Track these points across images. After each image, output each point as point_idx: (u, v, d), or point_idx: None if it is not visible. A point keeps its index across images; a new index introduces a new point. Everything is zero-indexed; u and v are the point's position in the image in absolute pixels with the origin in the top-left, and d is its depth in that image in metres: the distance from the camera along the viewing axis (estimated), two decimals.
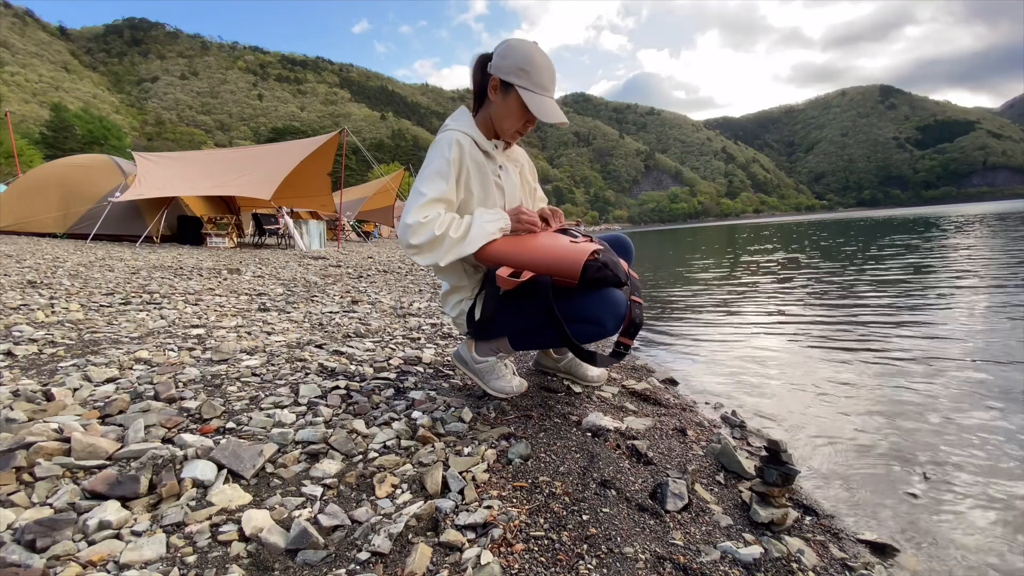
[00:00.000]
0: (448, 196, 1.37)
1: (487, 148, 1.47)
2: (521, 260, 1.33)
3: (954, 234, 12.90)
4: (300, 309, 3.27)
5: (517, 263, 1.33)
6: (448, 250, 1.31)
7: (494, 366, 1.61)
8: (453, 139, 1.40)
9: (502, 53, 1.40)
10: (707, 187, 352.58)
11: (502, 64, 1.39)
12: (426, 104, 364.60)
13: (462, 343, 1.67)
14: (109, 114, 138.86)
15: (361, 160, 44.03)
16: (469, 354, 1.62)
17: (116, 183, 9.30)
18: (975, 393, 2.12)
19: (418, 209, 1.31)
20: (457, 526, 0.94)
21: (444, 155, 1.38)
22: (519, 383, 1.63)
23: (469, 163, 1.42)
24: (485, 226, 1.35)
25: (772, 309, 4.42)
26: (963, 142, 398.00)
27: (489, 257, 1.38)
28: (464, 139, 1.42)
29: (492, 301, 1.41)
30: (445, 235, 1.30)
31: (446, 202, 1.37)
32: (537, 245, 1.36)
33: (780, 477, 1.08)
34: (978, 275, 5.53)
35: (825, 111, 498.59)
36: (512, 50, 1.39)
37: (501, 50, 1.41)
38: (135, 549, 0.83)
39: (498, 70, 1.40)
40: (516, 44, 1.40)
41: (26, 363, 1.78)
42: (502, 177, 1.50)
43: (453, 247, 1.32)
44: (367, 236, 17.21)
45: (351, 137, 10.34)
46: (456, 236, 1.32)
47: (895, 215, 52.85)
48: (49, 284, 3.65)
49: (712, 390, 2.32)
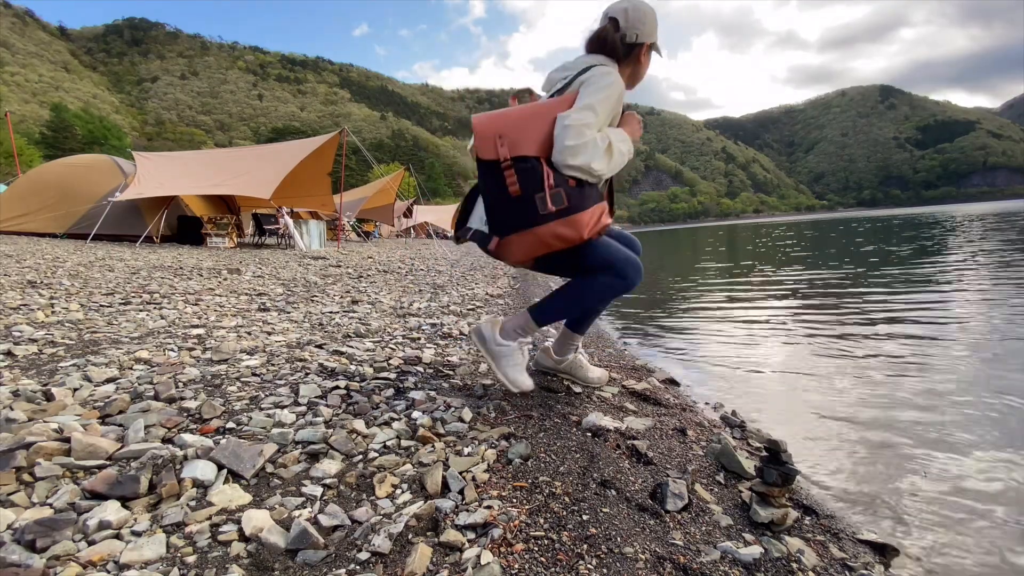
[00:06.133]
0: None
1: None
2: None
3: (955, 234, 12.89)
4: (300, 309, 3.27)
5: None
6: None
7: (513, 351, 1.59)
8: (623, 91, 1.48)
9: (642, 19, 1.52)
10: (707, 187, 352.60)
11: (648, 30, 1.54)
12: (426, 104, 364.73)
13: (485, 320, 1.65)
14: (109, 114, 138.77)
15: (361, 160, 44.03)
16: (491, 333, 1.60)
17: (116, 183, 9.29)
18: (975, 393, 2.12)
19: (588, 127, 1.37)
20: (457, 526, 0.94)
21: (617, 95, 1.44)
22: (530, 381, 1.62)
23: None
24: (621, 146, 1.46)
25: (773, 310, 4.42)
26: (963, 142, 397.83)
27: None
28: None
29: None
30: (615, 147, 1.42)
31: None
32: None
33: (780, 477, 1.08)
34: (978, 275, 5.53)
35: (825, 111, 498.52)
36: (649, 15, 1.53)
37: (639, 16, 1.52)
38: (135, 549, 0.83)
39: (648, 36, 1.54)
40: (646, 9, 1.53)
41: (26, 363, 1.78)
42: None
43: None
44: (367, 236, 17.21)
45: (351, 137, 10.33)
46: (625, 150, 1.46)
47: (896, 215, 52.83)
48: (49, 284, 3.65)
49: (712, 390, 2.32)
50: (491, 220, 1.42)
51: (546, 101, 1.45)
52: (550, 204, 1.32)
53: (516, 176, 1.33)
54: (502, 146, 1.35)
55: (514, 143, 1.35)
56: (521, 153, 1.34)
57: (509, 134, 1.36)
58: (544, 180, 1.32)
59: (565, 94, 1.46)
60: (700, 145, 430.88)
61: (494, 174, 1.36)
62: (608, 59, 1.52)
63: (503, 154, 1.34)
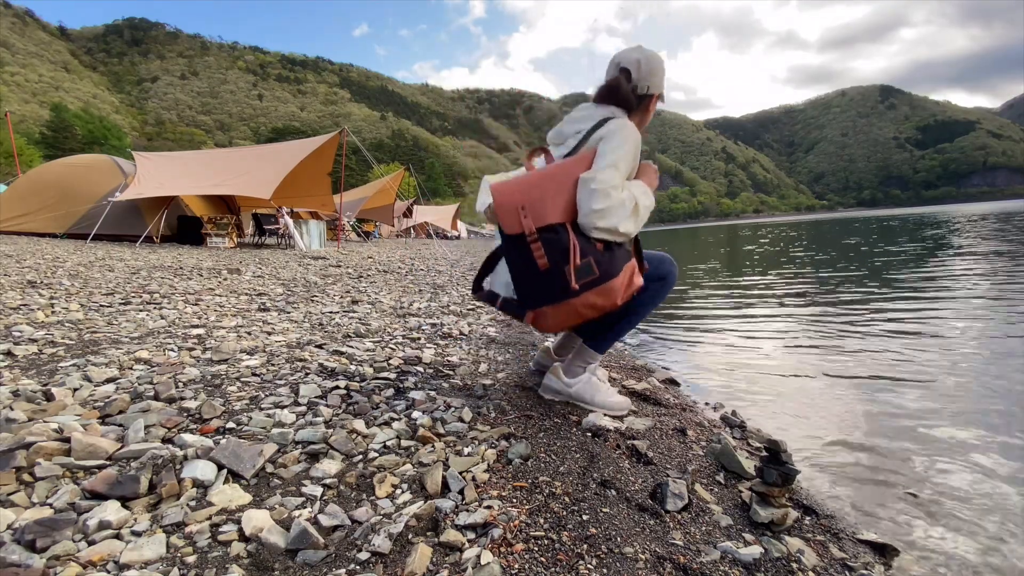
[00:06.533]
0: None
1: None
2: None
3: (956, 234, 12.89)
4: (300, 309, 3.27)
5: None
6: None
7: (589, 381, 1.58)
8: (640, 143, 1.46)
9: (654, 71, 1.51)
10: (707, 187, 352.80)
11: (658, 81, 1.53)
12: (426, 104, 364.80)
13: (547, 375, 1.63)
14: (109, 114, 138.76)
15: (361, 160, 44.05)
16: (557, 382, 1.59)
17: (116, 183, 9.29)
18: (975, 393, 2.12)
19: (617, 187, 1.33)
20: (457, 526, 0.94)
21: (636, 150, 1.42)
22: (624, 400, 1.62)
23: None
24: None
25: (773, 310, 4.42)
26: (963, 142, 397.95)
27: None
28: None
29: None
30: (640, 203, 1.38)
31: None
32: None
33: (780, 477, 1.08)
34: (978, 276, 5.53)
35: (825, 111, 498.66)
36: (660, 67, 1.53)
37: (651, 68, 1.51)
38: (135, 549, 0.83)
39: (658, 87, 1.54)
40: (658, 61, 1.52)
41: (26, 363, 1.78)
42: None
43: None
44: (367, 236, 17.22)
45: (351, 137, 10.33)
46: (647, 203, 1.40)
47: (896, 215, 52.84)
48: (49, 284, 3.65)
49: (712, 390, 2.32)
50: (521, 292, 1.38)
51: (564, 162, 1.40)
52: (582, 277, 1.28)
53: (543, 248, 1.28)
54: (526, 217, 1.30)
55: (538, 213, 1.30)
56: (546, 223, 1.29)
57: (532, 204, 1.31)
58: (572, 252, 1.27)
59: (582, 152, 1.41)
60: (700, 145, 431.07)
61: (520, 248, 1.31)
62: (620, 110, 1.48)
63: (528, 227, 1.29)
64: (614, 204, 1.28)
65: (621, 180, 1.33)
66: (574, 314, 1.33)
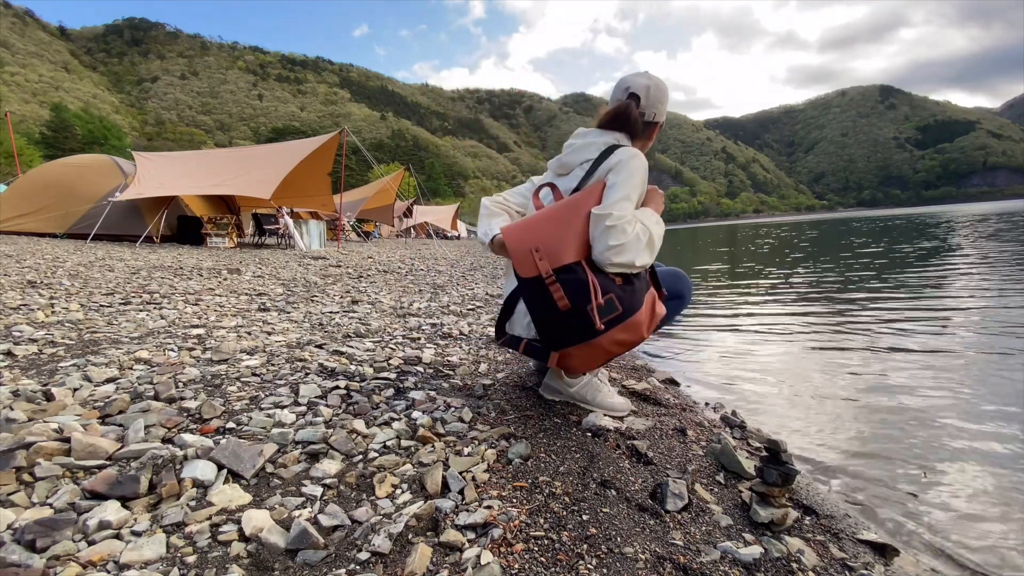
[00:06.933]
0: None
1: None
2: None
3: (957, 235, 12.90)
4: (300, 309, 3.27)
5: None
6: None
7: (590, 382, 1.58)
8: (647, 169, 1.44)
9: (661, 98, 1.51)
10: (707, 187, 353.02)
11: (664, 109, 1.54)
12: (426, 104, 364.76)
13: (547, 375, 1.62)
14: (109, 114, 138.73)
15: (361, 160, 44.06)
16: (559, 382, 1.59)
17: (116, 183, 9.29)
18: (975, 393, 2.12)
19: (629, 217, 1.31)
20: (457, 526, 0.94)
21: (645, 178, 1.40)
22: (625, 402, 1.61)
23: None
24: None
25: (773, 309, 4.42)
26: (963, 142, 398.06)
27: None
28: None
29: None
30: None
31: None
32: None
33: (780, 477, 1.08)
34: (981, 276, 5.53)
35: (825, 111, 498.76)
36: (666, 95, 1.53)
37: (659, 95, 1.51)
38: (135, 549, 0.83)
39: (663, 115, 1.54)
40: (664, 88, 1.52)
41: (26, 363, 1.78)
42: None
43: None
44: (367, 236, 17.22)
45: (351, 137, 10.33)
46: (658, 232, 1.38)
47: (896, 215, 52.84)
48: (49, 284, 3.65)
49: (712, 390, 2.32)
50: (544, 335, 1.35)
51: (574, 198, 1.37)
52: (605, 315, 1.25)
53: (562, 290, 1.26)
54: (541, 259, 1.27)
55: (553, 254, 1.27)
56: (562, 263, 1.27)
57: (545, 245, 1.28)
58: (593, 290, 1.25)
59: (591, 184, 1.39)
60: (700, 145, 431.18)
61: (538, 290, 1.29)
62: (624, 136, 1.47)
63: (544, 268, 1.27)
64: (630, 240, 1.26)
65: (632, 212, 1.31)
66: (602, 352, 1.31)
